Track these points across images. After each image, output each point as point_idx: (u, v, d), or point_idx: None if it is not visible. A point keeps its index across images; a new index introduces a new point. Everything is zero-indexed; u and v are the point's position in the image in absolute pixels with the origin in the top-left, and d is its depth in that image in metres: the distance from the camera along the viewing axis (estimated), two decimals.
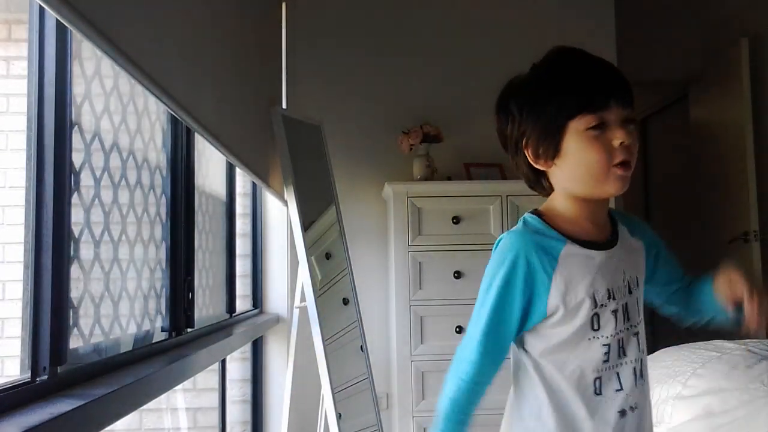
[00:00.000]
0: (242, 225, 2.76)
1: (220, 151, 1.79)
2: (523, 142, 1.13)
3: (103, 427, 1.05)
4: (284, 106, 2.96)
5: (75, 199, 1.16)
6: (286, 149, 2.41)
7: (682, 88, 4.47)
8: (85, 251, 1.21)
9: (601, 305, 1.10)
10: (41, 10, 1.05)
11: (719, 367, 1.77)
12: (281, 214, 2.91)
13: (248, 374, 2.78)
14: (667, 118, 4.95)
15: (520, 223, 1.16)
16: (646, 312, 1.20)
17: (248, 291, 2.80)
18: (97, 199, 1.27)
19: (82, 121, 1.21)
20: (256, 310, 2.80)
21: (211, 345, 1.74)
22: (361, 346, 2.59)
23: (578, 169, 1.09)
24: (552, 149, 1.10)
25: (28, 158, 1.04)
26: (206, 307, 2.04)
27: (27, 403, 0.95)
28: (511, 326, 1.10)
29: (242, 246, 2.72)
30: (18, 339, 1.03)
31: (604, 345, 1.10)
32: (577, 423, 1.10)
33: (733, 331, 1.23)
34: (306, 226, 2.38)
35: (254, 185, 2.84)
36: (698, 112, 4.32)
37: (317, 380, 2.28)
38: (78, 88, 1.18)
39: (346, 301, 2.60)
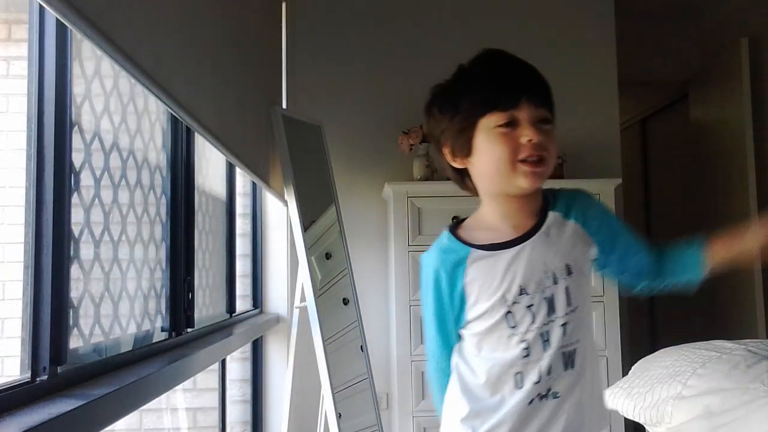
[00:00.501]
0: (242, 225, 2.76)
1: (220, 151, 1.79)
2: (443, 140, 1.18)
3: (103, 427, 1.05)
4: (284, 106, 2.96)
5: (75, 199, 1.16)
6: (286, 149, 2.41)
7: (682, 88, 4.47)
8: (85, 251, 1.21)
9: (514, 302, 1.13)
10: (41, 10, 1.05)
11: (719, 367, 1.77)
12: (281, 214, 2.91)
13: (248, 374, 2.78)
14: (667, 118, 4.95)
15: (438, 239, 1.23)
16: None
17: (248, 291, 2.80)
18: (97, 199, 1.27)
19: (82, 121, 1.21)
20: (256, 310, 2.80)
21: (211, 345, 1.74)
22: (361, 346, 2.59)
23: (487, 164, 1.13)
24: (465, 147, 1.14)
25: (28, 158, 1.04)
26: (206, 307, 2.04)
27: (27, 403, 0.95)
28: (451, 324, 1.20)
29: (242, 246, 2.72)
30: (18, 339, 1.03)
31: (521, 341, 1.13)
32: (487, 411, 1.16)
33: (691, 292, 1.27)
34: (306, 226, 2.38)
35: (254, 185, 2.84)
36: (698, 112, 4.32)
37: (317, 380, 2.28)
38: (78, 88, 1.18)
39: (346, 301, 2.60)
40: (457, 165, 1.18)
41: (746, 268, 3.69)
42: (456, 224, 1.23)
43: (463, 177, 1.21)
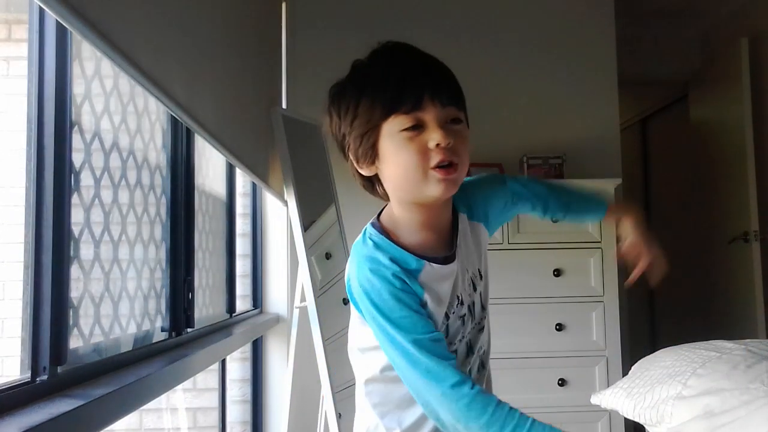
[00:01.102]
0: (242, 225, 2.76)
1: (219, 151, 1.79)
2: (346, 145, 1.06)
3: (103, 427, 1.05)
4: (284, 106, 2.96)
5: (75, 199, 1.16)
6: (286, 149, 2.41)
7: (682, 88, 4.47)
8: (85, 251, 1.21)
9: (453, 314, 1.08)
10: (41, 10, 1.05)
11: (719, 367, 1.77)
12: (281, 214, 2.91)
13: (248, 374, 2.78)
14: (667, 118, 4.95)
15: (369, 244, 1.07)
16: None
17: (248, 291, 2.80)
18: (97, 199, 1.27)
19: (82, 121, 1.21)
20: (256, 310, 2.80)
21: (211, 345, 1.74)
22: None
23: (395, 172, 1.02)
24: (370, 153, 1.03)
25: (28, 158, 1.04)
26: (206, 307, 2.04)
27: (27, 403, 0.95)
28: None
29: (242, 246, 2.72)
30: (18, 339, 1.03)
31: (453, 351, 1.07)
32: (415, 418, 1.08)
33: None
34: (306, 226, 2.37)
35: (254, 185, 2.84)
36: (698, 112, 4.32)
37: (317, 380, 2.28)
38: (78, 88, 1.18)
39: (346, 301, 2.60)
40: (364, 172, 1.07)
41: (746, 268, 3.69)
42: (378, 228, 1.09)
43: (373, 183, 1.10)
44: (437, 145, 0.98)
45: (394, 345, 1.01)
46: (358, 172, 1.09)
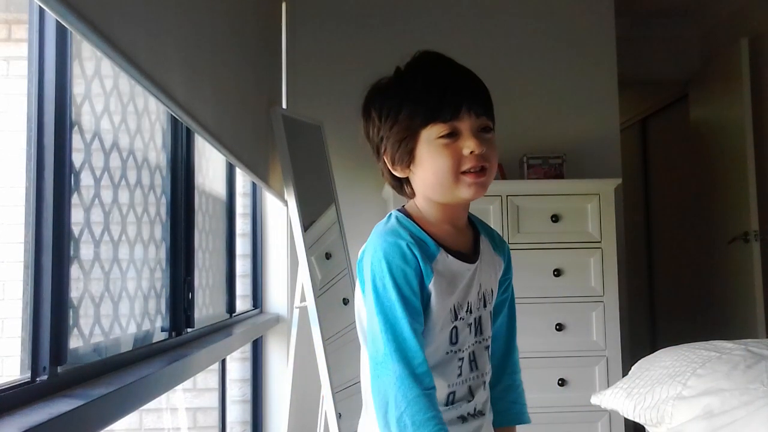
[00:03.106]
0: (242, 225, 2.76)
1: (219, 151, 1.79)
2: (383, 148, 1.14)
3: (103, 427, 1.05)
4: (284, 106, 2.96)
5: (75, 199, 1.16)
6: (286, 149, 2.41)
7: (682, 88, 4.47)
8: (85, 251, 1.21)
9: (461, 319, 1.11)
10: (41, 10, 1.05)
11: (719, 367, 1.77)
12: (281, 214, 2.91)
13: (248, 374, 2.78)
14: (667, 118, 4.95)
15: (393, 221, 1.13)
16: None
17: (248, 291, 2.80)
18: (97, 199, 1.27)
19: (82, 121, 1.21)
20: (256, 310, 2.80)
21: (211, 345, 1.74)
22: None
23: (430, 176, 1.10)
24: (407, 157, 1.11)
25: (28, 158, 1.04)
26: (206, 307, 2.04)
27: (27, 403, 0.95)
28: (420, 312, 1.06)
29: (242, 246, 2.72)
30: (18, 339, 1.03)
31: (459, 359, 1.11)
32: None
33: None
34: (306, 226, 2.38)
35: (254, 185, 2.84)
36: (698, 112, 4.32)
37: (317, 380, 2.28)
38: (78, 88, 1.18)
39: (346, 301, 2.60)
40: (398, 173, 1.14)
41: (746, 268, 3.69)
42: (405, 213, 1.15)
43: (402, 184, 1.18)
44: (471, 152, 1.07)
45: (380, 309, 1.04)
46: (390, 173, 1.16)
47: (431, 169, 1.09)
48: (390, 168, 1.15)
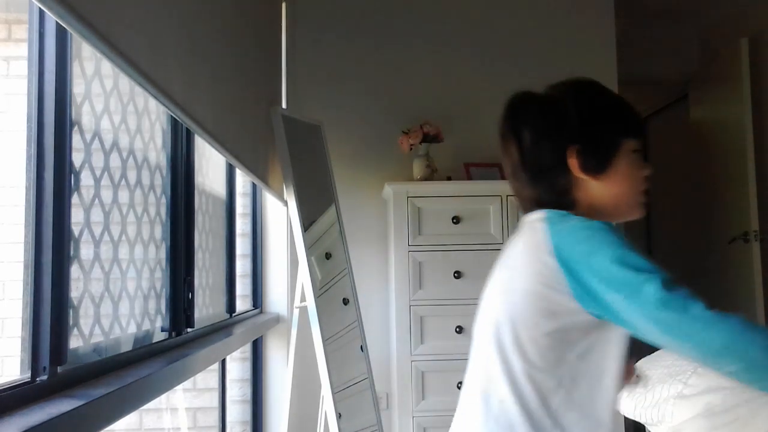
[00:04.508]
0: (242, 225, 2.76)
1: (219, 151, 1.79)
2: (568, 146, 1.12)
3: (103, 427, 1.05)
4: (284, 106, 2.96)
5: (75, 199, 1.16)
6: (286, 149, 2.41)
7: (682, 88, 4.47)
8: (85, 251, 1.21)
9: None
10: (41, 10, 1.04)
11: None
12: (281, 214, 2.91)
13: (248, 374, 2.78)
14: (667, 118, 4.95)
15: (571, 214, 1.10)
16: None
17: (248, 291, 2.80)
18: (97, 199, 1.27)
19: (82, 121, 1.21)
20: (256, 310, 2.80)
21: (211, 345, 1.74)
22: (361, 346, 2.59)
23: (622, 187, 1.12)
24: (602, 163, 1.11)
25: (28, 158, 1.04)
26: (206, 307, 2.04)
27: (27, 403, 0.94)
28: None
29: (242, 246, 2.72)
30: (18, 339, 1.03)
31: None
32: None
33: None
34: (306, 226, 2.38)
35: (254, 185, 2.84)
36: (698, 112, 4.32)
37: (317, 380, 2.28)
38: (78, 88, 1.18)
39: (346, 301, 2.60)
40: (580, 176, 1.11)
41: (746, 268, 3.69)
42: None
43: (568, 189, 1.12)
44: (648, 173, 1.14)
45: (640, 291, 0.96)
46: (562, 182, 1.12)
47: (626, 181, 1.11)
48: (577, 173, 1.11)
